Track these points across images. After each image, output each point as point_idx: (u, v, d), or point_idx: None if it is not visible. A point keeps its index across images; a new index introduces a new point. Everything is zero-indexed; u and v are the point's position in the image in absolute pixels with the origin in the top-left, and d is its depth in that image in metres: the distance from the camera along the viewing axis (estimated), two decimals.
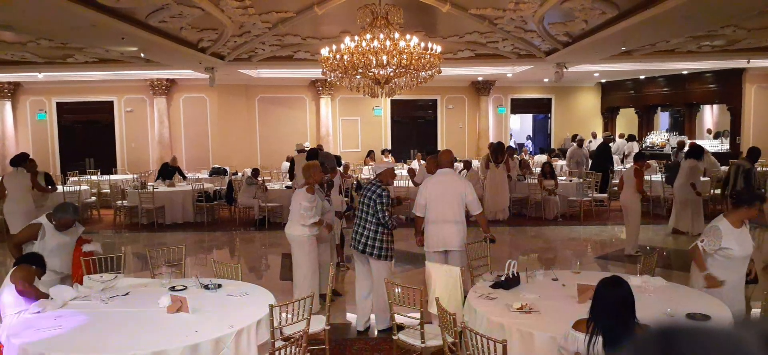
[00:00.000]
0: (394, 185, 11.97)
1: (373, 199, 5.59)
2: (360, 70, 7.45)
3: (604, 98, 19.88)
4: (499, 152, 11.88)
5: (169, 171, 13.65)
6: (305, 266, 6.00)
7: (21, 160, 9.12)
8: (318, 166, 6.35)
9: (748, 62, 13.59)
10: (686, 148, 14.74)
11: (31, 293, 4.36)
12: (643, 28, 8.84)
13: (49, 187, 9.72)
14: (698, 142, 16.39)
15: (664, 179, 12.05)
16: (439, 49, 7.60)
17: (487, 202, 11.61)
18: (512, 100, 19.58)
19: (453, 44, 11.45)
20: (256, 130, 17.79)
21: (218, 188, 13.07)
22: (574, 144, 15.16)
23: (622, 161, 15.36)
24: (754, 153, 9.44)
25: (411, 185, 12.08)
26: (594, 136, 18.07)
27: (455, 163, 8.82)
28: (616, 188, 12.50)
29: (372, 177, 6.01)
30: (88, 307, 4.24)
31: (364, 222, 5.66)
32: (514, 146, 16.25)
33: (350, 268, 8.17)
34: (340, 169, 10.42)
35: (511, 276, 4.53)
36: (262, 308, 4.03)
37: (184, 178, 13.88)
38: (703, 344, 0.79)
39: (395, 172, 6.49)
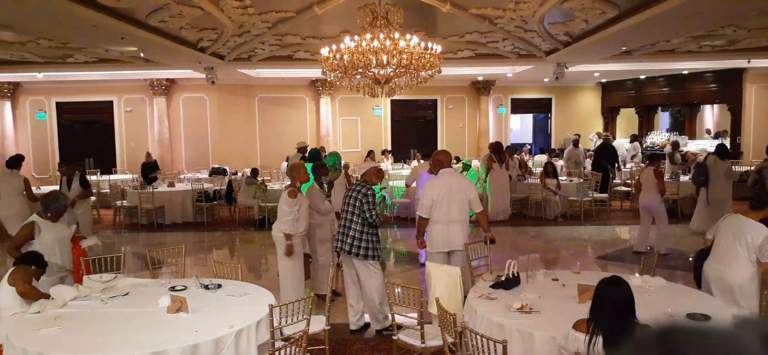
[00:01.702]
0: (394, 185, 12.10)
1: (359, 199, 5.57)
2: (360, 70, 7.44)
3: (605, 98, 19.88)
4: (501, 152, 11.89)
5: (149, 168, 13.67)
6: (290, 267, 5.99)
7: (15, 163, 9.14)
8: (303, 167, 6.24)
9: (749, 62, 13.59)
10: (684, 149, 14.77)
11: (30, 293, 4.36)
12: (643, 28, 8.85)
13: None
14: (698, 142, 16.46)
15: (690, 180, 11.96)
16: (439, 49, 7.60)
17: (490, 202, 11.62)
18: (512, 100, 19.58)
19: (453, 44, 11.45)
20: (256, 130, 17.79)
21: (218, 188, 13.08)
22: (570, 144, 15.19)
23: (624, 164, 15.34)
24: None
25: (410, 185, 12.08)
26: (599, 135, 18.04)
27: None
28: (630, 190, 12.56)
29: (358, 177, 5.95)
30: (88, 307, 4.24)
31: (349, 223, 5.62)
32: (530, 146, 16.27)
33: None
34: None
35: (511, 276, 4.53)
36: (262, 308, 4.03)
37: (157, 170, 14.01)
38: (702, 344, 0.79)
39: (381, 170, 6.43)
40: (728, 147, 10.98)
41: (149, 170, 13.62)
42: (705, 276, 4.77)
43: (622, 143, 16.70)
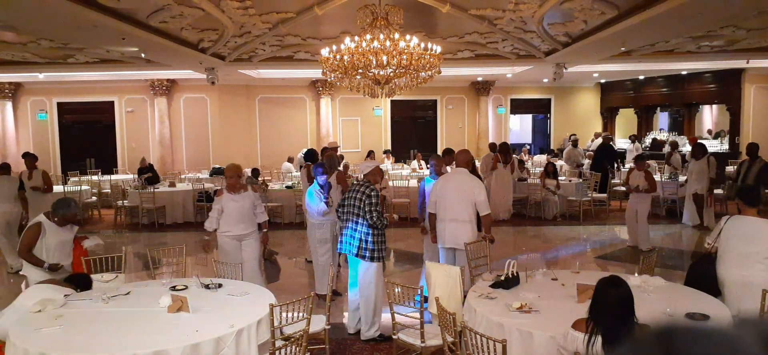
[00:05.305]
0: (395, 185, 12.09)
1: (362, 200, 5.41)
2: (360, 71, 7.46)
3: (604, 98, 19.89)
4: (507, 152, 11.91)
5: (143, 172, 13.62)
6: (250, 262, 6.06)
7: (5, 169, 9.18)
8: (239, 168, 6.32)
9: (748, 62, 13.60)
10: (682, 149, 14.79)
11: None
12: (642, 28, 8.85)
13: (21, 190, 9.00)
14: (699, 142, 16.46)
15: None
16: (438, 49, 7.61)
17: (493, 202, 11.62)
18: (512, 100, 19.59)
19: (453, 45, 11.46)
20: (256, 131, 17.79)
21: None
22: (570, 145, 15.19)
23: (623, 164, 15.36)
24: None
25: (410, 185, 12.09)
26: (596, 136, 18.05)
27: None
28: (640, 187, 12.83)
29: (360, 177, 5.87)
30: (90, 306, 4.25)
31: (354, 225, 5.47)
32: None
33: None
34: (340, 168, 10.41)
35: (510, 276, 4.54)
36: (263, 308, 4.04)
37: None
38: (701, 343, 0.79)
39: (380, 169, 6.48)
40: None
41: (144, 174, 13.55)
42: (722, 282, 4.55)
43: (620, 143, 16.72)
